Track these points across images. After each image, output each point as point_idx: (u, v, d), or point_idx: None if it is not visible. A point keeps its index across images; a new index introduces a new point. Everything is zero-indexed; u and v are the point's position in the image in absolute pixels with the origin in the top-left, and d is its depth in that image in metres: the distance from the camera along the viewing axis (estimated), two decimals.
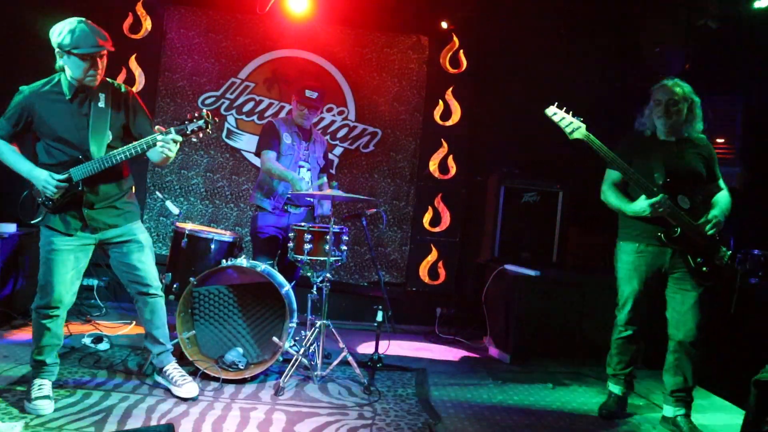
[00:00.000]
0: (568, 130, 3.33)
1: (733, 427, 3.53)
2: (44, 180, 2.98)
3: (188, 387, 3.33)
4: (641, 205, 3.36)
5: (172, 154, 3.05)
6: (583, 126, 3.33)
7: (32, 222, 3.10)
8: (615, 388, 3.64)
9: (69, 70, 3.03)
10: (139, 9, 5.42)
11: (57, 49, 3.01)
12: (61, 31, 2.99)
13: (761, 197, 5.10)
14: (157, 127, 3.05)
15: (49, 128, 3.04)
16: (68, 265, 3.09)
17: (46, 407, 3.00)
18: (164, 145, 2.98)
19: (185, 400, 3.32)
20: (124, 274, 3.30)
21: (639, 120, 3.64)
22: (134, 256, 3.26)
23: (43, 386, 3.09)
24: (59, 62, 3.04)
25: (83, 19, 3.06)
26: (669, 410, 3.51)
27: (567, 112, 3.35)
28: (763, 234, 4.79)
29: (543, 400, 3.84)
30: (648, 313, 3.57)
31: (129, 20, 5.40)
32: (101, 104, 3.11)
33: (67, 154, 3.04)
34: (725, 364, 4.24)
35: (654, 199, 3.30)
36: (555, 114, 3.35)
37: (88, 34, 2.99)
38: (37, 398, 3.01)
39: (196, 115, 3.04)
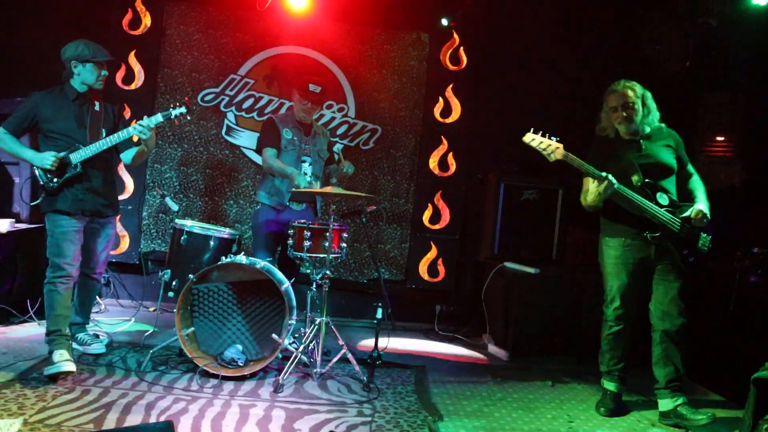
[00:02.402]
0: (546, 153, 3.39)
1: (732, 425, 3.53)
2: (45, 156, 3.55)
3: (95, 345, 3.88)
4: (592, 186, 3.44)
5: (147, 137, 3.66)
6: (561, 146, 3.38)
7: (33, 203, 3.74)
8: (610, 385, 3.65)
9: (83, 76, 3.68)
10: (139, 5, 5.39)
11: (73, 61, 3.65)
12: (77, 46, 3.65)
13: (760, 195, 5.10)
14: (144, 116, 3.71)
15: (52, 123, 3.64)
16: (74, 243, 3.65)
17: (70, 366, 3.42)
18: (141, 130, 3.63)
19: (96, 356, 3.82)
20: (83, 254, 3.79)
21: (598, 126, 3.71)
22: (98, 244, 3.86)
23: (64, 354, 3.50)
24: (73, 71, 3.67)
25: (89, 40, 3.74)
26: (667, 403, 3.52)
27: (543, 135, 3.40)
28: (762, 232, 4.79)
29: (542, 398, 3.84)
30: (640, 308, 3.60)
31: (128, 16, 5.38)
32: (96, 108, 3.79)
33: (67, 143, 3.63)
34: (724, 361, 4.24)
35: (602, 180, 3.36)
36: (533, 140, 3.41)
37: (101, 48, 3.70)
38: (59, 361, 3.42)
39: (176, 103, 3.72)
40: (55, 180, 3.59)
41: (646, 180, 3.47)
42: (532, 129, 3.41)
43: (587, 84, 5.43)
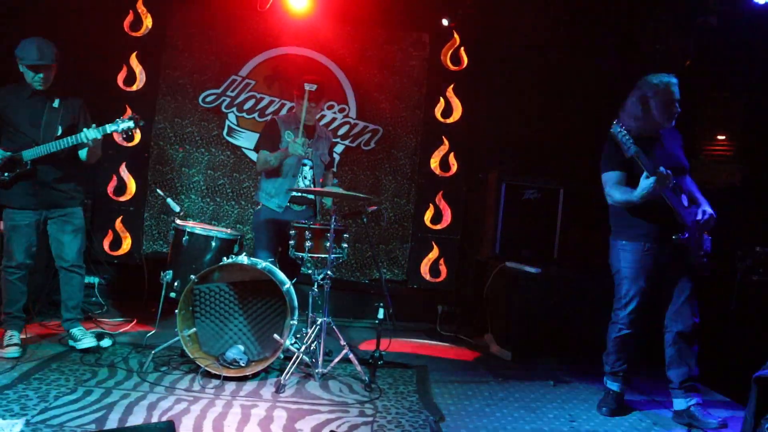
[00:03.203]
0: (625, 147, 3.26)
1: (734, 423, 3.52)
2: None
3: (86, 340, 3.92)
4: (647, 182, 3.25)
5: (92, 144, 3.76)
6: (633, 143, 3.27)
7: None
8: (613, 386, 3.64)
9: (24, 75, 3.78)
10: (140, 6, 5.40)
11: (17, 59, 3.76)
12: (22, 45, 3.73)
13: (761, 194, 5.10)
14: (93, 126, 3.74)
15: (9, 119, 3.78)
16: (25, 237, 3.85)
17: (15, 351, 3.72)
18: (87, 141, 3.71)
19: (85, 351, 3.89)
20: (54, 247, 3.99)
21: (633, 116, 3.47)
22: (66, 235, 3.95)
23: (13, 336, 3.82)
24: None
25: (38, 37, 3.76)
26: (680, 403, 3.52)
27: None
28: (763, 231, 4.78)
29: (544, 397, 3.84)
30: (650, 310, 3.58)
31: (130, 18, 5.39)
32: (55, 105, 3.85)
33: (22, 140, 3.76)
34: (726, 360, 4.24)
35: (653, 177, 3.22)
36: (619, 132, 3.27)
37: (33, 50, 3.69)
38: (8, 345, 3.75)
39: (126, 116, 3.78)
40: (6, 174, 3.72)
41: (675, 180, 3.36)
42: (616, 121, 3.29)
43: (588, 83, 5.44)
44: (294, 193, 4.28)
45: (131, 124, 3.77)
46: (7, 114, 3.78)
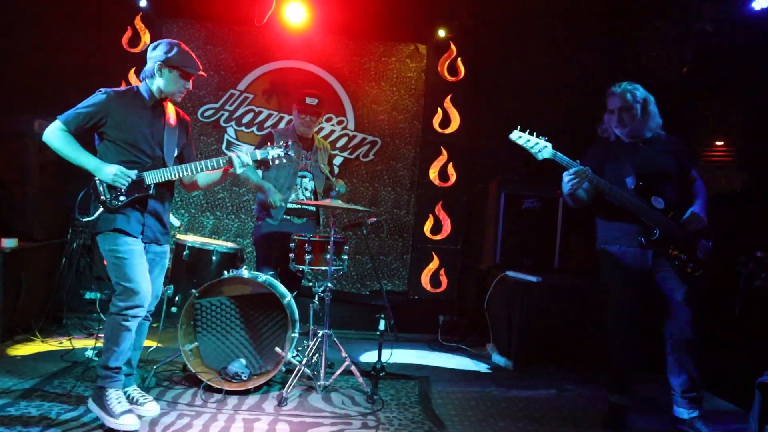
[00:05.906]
0: (534, 151, 3.32)
1: (738, 430, 3.51)
2: (115, 173, 3.03)
3: (149, 405, 3.23)
4: (564, 179, 3.33)
5: (240, 172, 3.32)
6: (549, 145, 3.31)
7: (86, 220, 3.08)
8: (616, 398, 3.55)
9: (162, 82, 3.18)
10: (138, 23, 5.45)
11: (159, 62, 3.15)
12: (170, 48, 3.17)
13: (762, 199, 5.10)
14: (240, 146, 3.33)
15: (125, 132, 3.12)
16: (144, 265, 3.13)
17: (133, 423, 2.98)
18: (244, 164, 3.27)
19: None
20: None
21: (600, 127, 3.64)
22: (156, 277, 3.29)
23: (121, 399, 3.07)
24: (155, 73, 3.16)
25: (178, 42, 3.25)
26: (683, 412, 3.47)
27: (531, 133, 3.32)
28: (765, 236, 4.78)
29: (547, 407, 3.82)
30: (645, 316, 3.52)
31: (128, 34, 5.43)
32: (172, 121, 3.29)
33: (139, 158, 3.14)
34: (730, 366, 4.22)
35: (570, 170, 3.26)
36: (519, 138, 3.33)
37: (194, 60, 3.23)
38: (122, 413, 2.99)
39: (279, 145, 3.33)
40: (121, 198, 3.07)
41: (640, 183, 3.41)
42: (519, 127, 3.34)
43: (585, 92, 5.45)
44: (291, 205, 4.29)
45: (280, 152, 3.33)
46: (119, 124, 3.10)
